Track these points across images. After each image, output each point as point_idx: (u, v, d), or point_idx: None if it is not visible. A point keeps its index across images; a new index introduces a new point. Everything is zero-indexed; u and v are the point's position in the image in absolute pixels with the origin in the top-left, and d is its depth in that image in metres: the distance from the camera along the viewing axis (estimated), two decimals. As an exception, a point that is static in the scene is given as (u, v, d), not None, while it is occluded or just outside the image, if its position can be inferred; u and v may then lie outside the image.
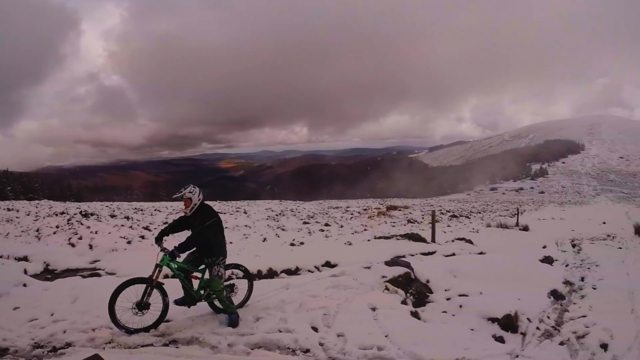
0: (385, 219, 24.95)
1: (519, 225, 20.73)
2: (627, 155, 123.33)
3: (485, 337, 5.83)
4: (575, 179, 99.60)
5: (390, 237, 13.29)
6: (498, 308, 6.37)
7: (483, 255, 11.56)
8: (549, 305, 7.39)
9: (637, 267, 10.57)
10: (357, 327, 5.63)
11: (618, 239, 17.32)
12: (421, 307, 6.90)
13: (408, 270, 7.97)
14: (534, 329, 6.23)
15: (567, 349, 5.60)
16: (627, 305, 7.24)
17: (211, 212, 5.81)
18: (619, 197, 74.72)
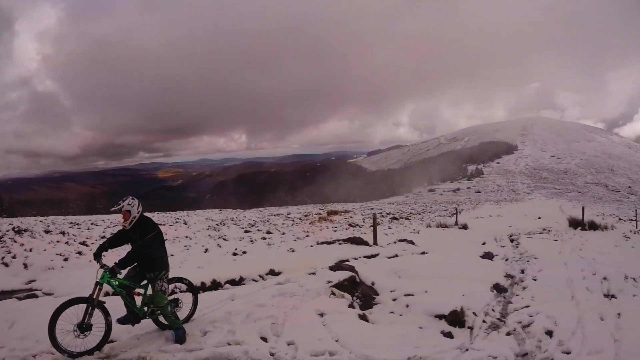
0: (327, 224, 25.16)
1: (458, 224, 21.57)
2: (558, 154, 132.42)
3: (434, 334, 6.00)
4: (510, 177, 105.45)
5: (332, 242, 13.40)
6: (444, 305, 6.59)
7: (425, 254, 11.94)
8: (493, 298, 7.75)
9: (573, 258, 11.37)
10: (306, 334, 5.63)
11: (554, 232, 18.53)
12: (369, 309, 7.02)
13: (353, 273, 8.07)
14: (481, 322, 6.49)
15: (514, 338, 5.88)
16: (567, 293, 7.76)
17: (151, 224, 5.68)
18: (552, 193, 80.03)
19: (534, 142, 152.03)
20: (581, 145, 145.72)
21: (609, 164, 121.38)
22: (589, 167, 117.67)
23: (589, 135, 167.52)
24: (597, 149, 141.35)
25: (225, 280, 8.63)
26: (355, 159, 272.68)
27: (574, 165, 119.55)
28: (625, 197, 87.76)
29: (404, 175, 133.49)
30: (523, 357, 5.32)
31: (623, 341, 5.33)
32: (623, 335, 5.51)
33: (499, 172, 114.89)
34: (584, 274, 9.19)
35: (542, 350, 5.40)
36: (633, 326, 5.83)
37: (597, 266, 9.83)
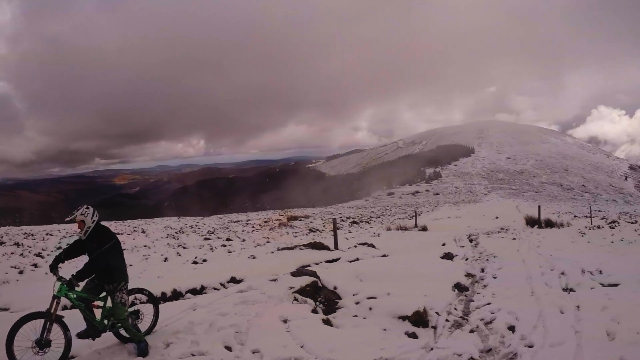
0: (287, 230, 25.33)
1: (418, 226, 21.98)
2: (513, 156, 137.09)
3: (399, 335, 6.08)
4: (467, 179, 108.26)
5: (293, 247, 13.41)
6: (407, 306, 6.70)
7: (386, 257, 12.11)
8: (455, 297, 7.92)
9: (531, 255, 11.81)
10: (271, 341, 5.63)
11: (511, 230, 19.15)
12: (332, 313, 7.07)
13: (315, 278, 8.12)
14: (444, 321, 6.62)
15: (477, 335, 6.02)
16: (527, 289, 8.01)
17: (108, 233, 5.57)
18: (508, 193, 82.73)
19: (490, 145, 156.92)
20: (536, 146, 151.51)
21: (563, 164, 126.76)
22: (544, 167, 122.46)
23: (543, 137, 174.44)
24: (551, 150, 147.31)
25: (186, 290, 8.54)
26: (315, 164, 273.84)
27: (530, 166, 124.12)
28: (580, 195, 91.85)
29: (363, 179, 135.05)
30: (487, 353, 5.44)
31: (583, 332, 5.53)
32: (583, 327, 5.72)
33: (457, 174, 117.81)
34: (542, 270, 9.51)
35: (506, 345, 5.53)
36: (592, 317, 6.05)
37: (555, 262, 10.21)
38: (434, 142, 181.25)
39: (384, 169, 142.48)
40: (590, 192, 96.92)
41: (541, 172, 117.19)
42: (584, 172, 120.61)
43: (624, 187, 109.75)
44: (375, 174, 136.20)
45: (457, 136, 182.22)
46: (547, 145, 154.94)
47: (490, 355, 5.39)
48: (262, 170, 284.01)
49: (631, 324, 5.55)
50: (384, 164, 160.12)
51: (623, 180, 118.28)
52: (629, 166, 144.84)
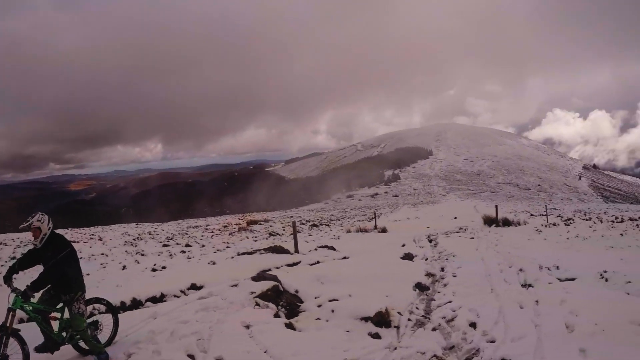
0: (247, 234, 25.24)
1: (378, 228, 22.18)
2: (471, 157, 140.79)
3: (362, 337, 6.13)
4: (425, 181, 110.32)
5: (253, 252, 13.34)
6: (369, 307, 6.78)
7: (347, 259, 12.18)
8: (416, 297, 8.05)
9: (490, 253, 12.13)
10: (234, 348, 5.58)
11: (470, 230, 19.60)
12: (294, 317, 7.07)
13: (276, 283, 8.12)
14: (406, 320, 6.71)
15: (440, 333, 6.13)
16: (486, 287, 8.25)
17: (63, 241, 5.40)
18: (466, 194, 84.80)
19: (448, 147, 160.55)
20: (493, 148, 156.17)
21: (519, 165, 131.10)
22: (501, 168, 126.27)
23: (500, 139, 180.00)
24: (507, 151, 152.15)
25: (146, 298, 8.33)
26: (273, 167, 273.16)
27: (486, 167, 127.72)
28: (536, 194, 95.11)
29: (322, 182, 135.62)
30: (450, 350, 5.55)
31: (543, 326, 5.72)
32: (542, 321, 5.91)
33: (415, 176, 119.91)
34: (500, 267, 9.82)
35: (468, 342, 5.67)
36: (550, 311, 6.27)
37: (513, 259, 10.53)
38: (392, 145, 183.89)
39: (343, 172, 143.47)
40: (545, 192, 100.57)
41: (498, 172, 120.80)
42: (539, 172, 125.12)
43: (578, 186, 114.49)
44: (334, 177, 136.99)
45: (415, 139, 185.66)
46: (503, 147, 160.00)
47: (453, 352, 5.50)
48: (221, 174, 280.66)
49: (589, 316, 5.77)
50: (343, 166, 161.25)
51: (577, 180, 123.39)
52: (582, 166, 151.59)
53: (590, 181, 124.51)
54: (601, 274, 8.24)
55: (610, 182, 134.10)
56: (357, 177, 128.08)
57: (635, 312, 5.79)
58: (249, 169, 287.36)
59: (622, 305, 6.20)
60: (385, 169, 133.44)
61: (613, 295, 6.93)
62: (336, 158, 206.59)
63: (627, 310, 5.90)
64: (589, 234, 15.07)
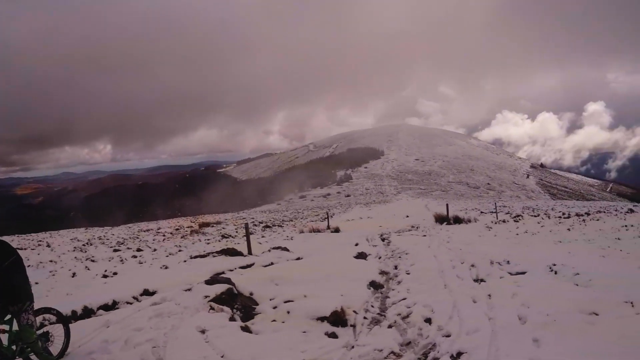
0: (199, 237, 24.95)
1: (330, 228, 22.34)
2: (422, 157, 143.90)
3: (319, 337, 6.15)
4: (377, 181, 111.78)
5: (206, 255, 13.20)
6: (324, 307, 6.81)
7: (301, 260, 12.23)
8: (371, 295, 8.16)
9: (442, 250, 12.40)
10: (190, 354, 5.51)
11: (422, 228, 20.02)
12: (250, 320, 7.02)
13: (230, 285, 8.06)
14: (362, 319, 6.78)
15: (396, 330, 6.22)
16: (440, 283, 8.43)
17: (9, 249, 5.18)
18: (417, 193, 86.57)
19: (399, 147, 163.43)
20: (443, 148, 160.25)
21: (469, 165, 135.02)
22: (451, 168, 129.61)
23: (450, 139, 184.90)
24: (457, 151, 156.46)
25: (98, 306, 8.04)
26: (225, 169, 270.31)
27: (437, 167, 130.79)
28: (485, 192, 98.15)
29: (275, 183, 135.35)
30: (407, 346, 5.64)
31: (496, 318, 5.89)
32: (496, 314, 6.09)
33: (367, 176, 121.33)
34: (453, 263, 10.05)
35: (424, 337, 5.77)
36: (503, 304, 6.48)
37: (465, 255, 10.76)
38: (345, 145, 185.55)
39: (295, 173, 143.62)
40: (495, 190, 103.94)
41: (448, 172, 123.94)
42: (488, 171, 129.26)
43: (527, 184, 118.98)
44: (287, 178, 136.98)
45: (367, 139, 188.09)
46: (453, 147, 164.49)
47: (410, 347, 5.58)
48: (172, 176, 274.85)
49: (540, 308, 6.00)
50: (296, 167, 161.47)
51: (525, 178, 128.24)
52: (530, 165, 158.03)
53: (537, 179, 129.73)
54: (550, 267, 8.57)
55: (557, 180, 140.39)
56: (309, 178, 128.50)
57: (584, 302, 6.07)
58: (201, 170, 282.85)
59: (572, 296, 6.48)
60: (337, 169, 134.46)
61: (562, 286, 7.23)
62: (288, 159, 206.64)
63: (577, 301, 6.18)
64: (537, 230, 15.66)
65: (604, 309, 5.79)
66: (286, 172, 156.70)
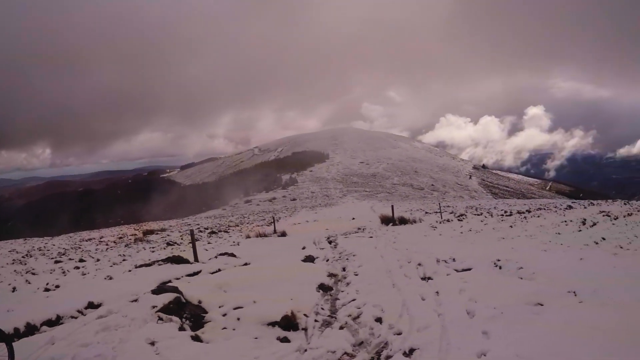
0: (144, 245, 24.27)
1: (277, 232, 22.32)
2: (367, 160, 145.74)
3: (271, 342, 6.13)
4: (323, 184, 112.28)
5: (151, 263, 12.85)
6: (275, 312, 6.80)
7: (248, 265, 12.11)
8: (320, 298, 8.21)
9: (388, 250, 12.65)
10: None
11: (368, 229, 20.29)
12: (200, 329, 6.90)
13: (177, 294, 7.86)
14: (313, 322, 6.81)
15: (347, 331, 6.29)
16: (388, 282, 8.61)
17: None
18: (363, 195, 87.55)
19: (344, 151, 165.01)
20: (387, 151, 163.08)
21: (413, 167, 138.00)
22: (396, 170, 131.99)
23: (394, 142, 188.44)
24: (402, 154, 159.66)
25: (41, 322, 7.59)
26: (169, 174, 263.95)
27: (382, 169, 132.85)
28: (429, 193, 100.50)
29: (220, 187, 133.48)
30: (360, 346, 5.70)
31: (445, 314, 6.08)
32: (444, 310, 6.28)
33: (313, 179, 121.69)
34: (400, 263, 10.27)
35: (376, 336, 5.86)
36: (451, 300, 6.70)
37: (411, 255, 11.03)
38: (289, 149, 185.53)
39: (240, 177, 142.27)
40: (438, 190, 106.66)
41: (393, 174, 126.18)
42: (432, 172, 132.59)
43: (469, 185, 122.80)
44: (231, 182, 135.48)
45: (312, 143, 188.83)
46: (397, 150, 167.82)
47: (362, 347, 5.65)
48: (114, 181, 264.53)
49: (487, 302, 6.25)
50: (241, 171, 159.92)
51: (468, 179, 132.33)
52: (472, 166, 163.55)
53: (480, 180, 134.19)
54: (495, 263, 8.89)
55: (498, 180, 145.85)
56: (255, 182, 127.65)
57: (528, 294, 6.38)
58: (144, 176, 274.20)
59: (517, 289, 6.78)
60: (283, 173, 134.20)
61: (507, 280, 7.55)
62: (233, 163, 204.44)
63: (522, 293, 6.48)
64: (481, 228, 16.13)
65: (548, 299, 6.10)
66: (231, 176, 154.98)
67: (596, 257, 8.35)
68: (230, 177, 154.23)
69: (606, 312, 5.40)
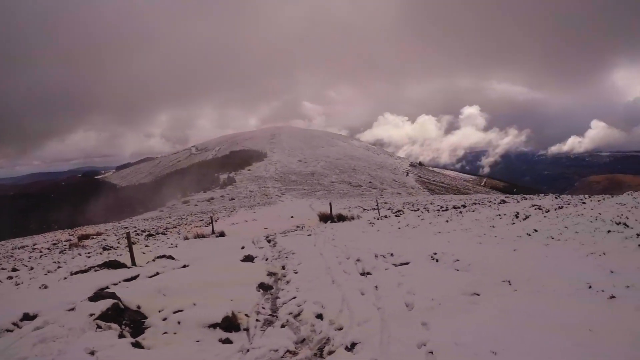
0: (79, 251, 23.26)
1: (216, 232, 22.05)
2: (304, 159, 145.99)
3: (213, 344, 6.06)
4: (261, 183, 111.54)
5: (88, 269, 12.34)
6: (215, 313, 6.73)
7: (187, 267, 11.90)
8: (261, 297, 8.19)
9: (327, 247, 12.79)
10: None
11: (307, 227, 20.41)
12: (141, 335, 6.70)
13: (115, 300, 7.59)
14: (255, 321, 6.79)
15: (289, 329, 6.32)
16: (327, 279, 8.70)
17: None
18: (301, 193, 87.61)
19: (282, 149, 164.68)
20: (325, 149, 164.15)
21: (351, 165, 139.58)
22: (334, 168, 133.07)
23: (332, 141, 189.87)
24: (340, 152, 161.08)
25: None
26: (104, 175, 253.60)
27: (320, 167, 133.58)
28: (367, 190, 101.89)
29: (157, 188, 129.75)
30: (302, 343, 5.74)
31: (385, 308, 6.21)
32: (383, 303, 6.43)
33: (251, 178, 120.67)
34: (339, 259, 10.42)
35: (318, 333, 5.93)
36: (390, 294, 6.87)
37: (350, 251, 11.21)
38: (227, 148, 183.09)
39: (177, 177, 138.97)
40: (376, 188, 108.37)
41: (331, 172, 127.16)
42: (370, 170, 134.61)
43: (407, 182, 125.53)
44: (169, 183, 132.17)
45: (250, 141, 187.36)
46: (336, 148, 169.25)
47: (305, 344, 5.70)
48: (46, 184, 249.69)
49: (424, 294, 6.46)
50: (178, 171, 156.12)
51: (405, 176, 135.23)
52: (409, 164, 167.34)
53: (417, 177, 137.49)
54: (432, 256, 9.17)
55: (434, 177, 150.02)
56: (192, 182, 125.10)
57: (465, 285, 6.66)
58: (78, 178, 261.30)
59: (453, 280, 7.06)
60: (220, 172, 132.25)
61: (444, 272, 7.82)
62: (170, 163, 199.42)
63: (458, 284, 6.75)
64: (418, 223, 16.54)
65: (484, 289, 6.38)
66: (168, 176, 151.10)
67: (529, 248, 8.78)
68: (168, 177, 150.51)
69: (539, 299, 5.73)
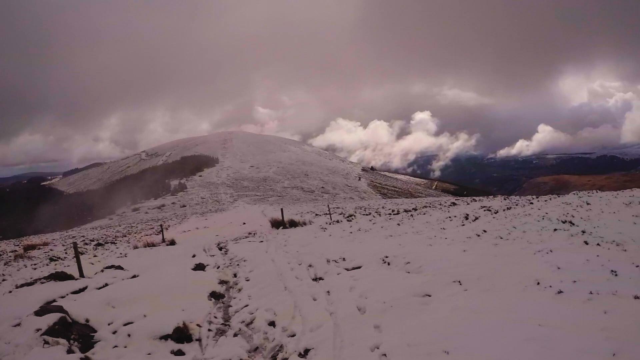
0: (25, 262, 22.14)
1: (166, 241, 21.61)
2: (257, 164, 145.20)
3: (165, 356, 5.97)
4: (213, 189, 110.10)
5: (34, 282, 11.82)
6: (166, 324, 6.62)
7: (137, 277, 11.65)
8: (213, 306, 8.11)
9: (279, 254, 12.77)
10: None
11: (259, 234, 20.31)
12: (90, 350, 6.51)
13: (62, 314, 7.29)
14: (207, 331, 6.72)
15: (242, 337, 6.30)
16: (280, 285, 8.69)
17: None
18: (254, 199, 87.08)
19: (234, 155, 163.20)
20: (277, 155, 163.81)
21: (303, 170, 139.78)
22: (286, 173, 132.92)
23: (284, 146, 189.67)
24: (291, 157, 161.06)
25: None
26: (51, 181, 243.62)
27: (272, 173, 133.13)
28: (320, 196, 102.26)
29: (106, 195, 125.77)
30: (255, 351, 5.73)
31: (337, 312, 6.26)
32: (336, 308, 6.47)
33: (203, 184, 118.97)
34: (291, 265, 10.46)
35: (271, 340, 5.92)
36: (342, 298, 6.91)
37: (302, 257, 11.25)
38: (178, 153, 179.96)
39: (127, 183, 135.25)
40: (329, 193, 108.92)
41: (283, 177, 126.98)
42: (322, 175, 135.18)
43: (359, 186, 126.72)
44: (118, 189, 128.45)
45: (201, 147, 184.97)
46: (287, 154, 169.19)
47: (258, 352, 5.69)
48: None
49: (377, 297, 6.54)
50: (127, 177, 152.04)
51: (357, 181, 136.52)
52: (362, 168, 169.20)
53: (369, 181, 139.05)
54: (383, 260, 9.27)
55: (386, 181, 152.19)
56: (142, 189, 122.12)
57: (416, 286, 6.77)
58: (23, 184, 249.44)
59: (405, 282, 7.16)
60: (171, 178, 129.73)
61: (396, 275, 7.91)
62: (119, 168, 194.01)
63: (410, 286, 6.85)
64: (369, 227, 16.68)
65: (435, 290, 6.52)
66: (118, 183, 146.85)
67: (479, 248, 9.01)
68: (117, 183, 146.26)
69: (489, 297, 5.90)
